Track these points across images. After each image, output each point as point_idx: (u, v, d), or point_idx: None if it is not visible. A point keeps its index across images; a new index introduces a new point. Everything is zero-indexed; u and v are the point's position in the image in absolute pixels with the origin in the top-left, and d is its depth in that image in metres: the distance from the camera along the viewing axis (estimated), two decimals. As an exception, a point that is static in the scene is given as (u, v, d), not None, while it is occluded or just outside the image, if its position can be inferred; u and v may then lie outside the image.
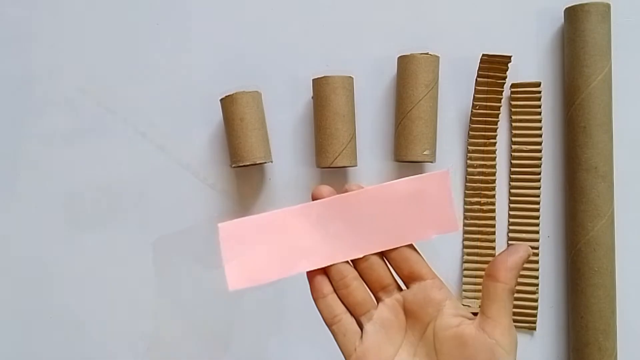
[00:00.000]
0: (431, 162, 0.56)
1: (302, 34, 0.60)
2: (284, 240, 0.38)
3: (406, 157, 0.55)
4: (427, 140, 0.55)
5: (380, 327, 0.38)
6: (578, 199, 0.55)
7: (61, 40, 0.62)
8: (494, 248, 0.58)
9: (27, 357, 0.61)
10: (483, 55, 0.55)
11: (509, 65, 0.55)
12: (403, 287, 0.39)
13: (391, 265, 0.39)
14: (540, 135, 0.58)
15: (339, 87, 0.55)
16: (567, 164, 0.57)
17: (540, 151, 0.58)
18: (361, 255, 0.38)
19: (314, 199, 0.38)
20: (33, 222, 0.62)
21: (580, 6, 0.54)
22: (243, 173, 0.60)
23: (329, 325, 0.38)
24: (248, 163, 0.55)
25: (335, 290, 0.38)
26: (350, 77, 0.56)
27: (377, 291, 0.38)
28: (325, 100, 0.55)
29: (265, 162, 0.57)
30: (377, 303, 0.39)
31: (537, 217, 0.58)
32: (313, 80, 0.56)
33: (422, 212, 0.38)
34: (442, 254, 0.59)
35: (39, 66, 0.62)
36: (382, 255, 0.39)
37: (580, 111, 0.54)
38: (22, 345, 0.62)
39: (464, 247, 0.59)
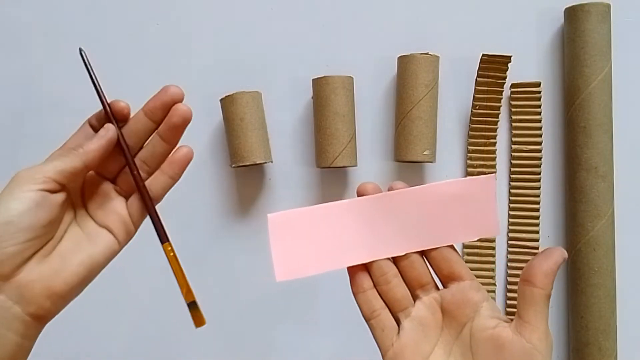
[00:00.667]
0: (431, 162, 0.56)
1: (302, 34, 0.60)
2: (330, 234, 0.38)
3: (406, 157, 0.55)
4: (427, 140, 0.55)
5: (417, 324, 0.38)
6: (578, 199, 0.55)
7: (61, 40, 0.62)
8: (494, 248, 0.58)
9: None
10: (483, 55, 0.55)
11: (509, 65, 0.55)
12: (440, 286, 0.39)
13: (431, 265, 0.39)
14: (540, 135, 0.58)
15: (339, 87, 0.55)
16: (567, 164, 0.57)
17: (540, 151, 0.58)
18: (403, 253, 0.38)
19: (358, 195, 0.38)
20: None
21: (580, 6, 0.54)
22: (243, 173, 0.60)
23: (367, 320, 0.39)
24: (248, 163, 0.55)
25: (375, 286, 0.39)
26: (350, 77, 0.56)
27: (416, 289, 0.39)
28: (325, 101, 0.55)
29: (265, 162, 0.57)
30: (415, 301, 0.39)
31: (537, 217, 0.58)
32: (313, 80, 0.56)
33: (466, 214, 0.38)
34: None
35: (39, 66, 0.62)
36: (422, 254, 0.39)
37: (580, 111, 0.54)
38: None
39: (464, 247, 0.59)
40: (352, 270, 0.39)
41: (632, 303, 0.56)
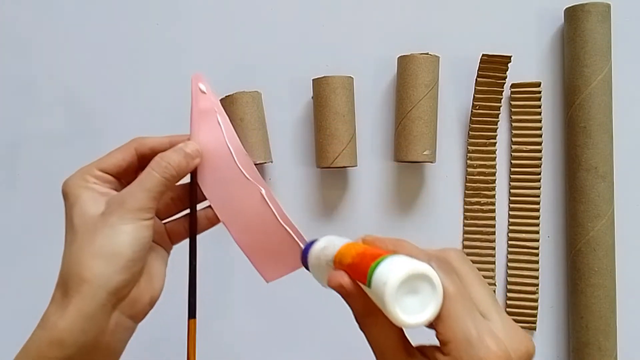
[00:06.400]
0: (431, 162, 0.56)
1: (302, 34, 0.60)
2: None
3: (406, 157, 0.55)
4: (427, 140, 0.55)
5: None
6: (578, 199, 0.55)
7: (61, 40, 0.62)
8: (494, 248, 0.58)
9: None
10: (483, 55, 0.55)
11: (509, 65, 0.55)
12: None
13: None
14: (540, 136, 0.58)
15: (339, 87, 0.55)
16: (567, 164, 0.57)
17: (540, 151, 0.58)
18: None
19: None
20: (33, 222, 0.62)
21: (580, 6, 0.54)
22: (243, 173, 0.60)
23: None
24: (248, 163, 0.55)
25: None
26: (350, 77, 0.56)
27: None
28: (325, 101, 0.55)
29: (265, 162, 0.56)
30: None
31: (537, 217, 0.58)
32: (313, 80, 0.56)
33: None
34: (442, 254, 0.59)
35: (39, 66, 0.62)
36: None
37: (580, 111, 0.54)
38: (22, 345, 0.62)
39: (464, 247, 0.59)
40: None
41: (632, 303, 0.56)
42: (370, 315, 0.29)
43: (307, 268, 0.35)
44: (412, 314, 0.26)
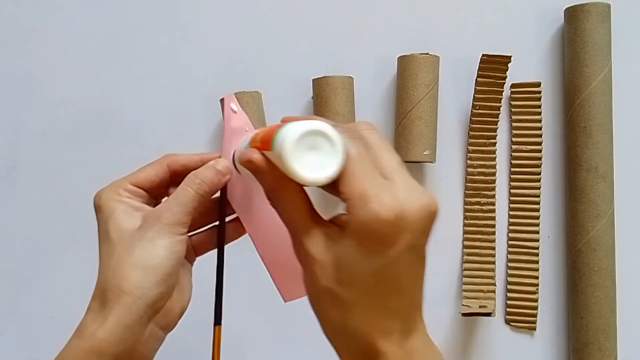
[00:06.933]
0: (431, 162, 0.56)
1: (302, 34, 0.60)
2: None
3: (406, 157, 0.55)
4: (427, 140, 0.55)
5: None
6: (578, 199, 0.55)
7: (61, 40, 0.62)
8: (494, 248, 0.58)
9: (27, 357, 0.61)
10: (483, 55, 0.55)
11: (509, 65, 0.55)
12: None
13: None
14: (540, 136, 0.58)
15: (339, 87, 0.55)
16: (567, 164, 0.57)
17: (540, 151, 0.58)
18: None
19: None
20: (33, 222, 0.62)
21: (580, 6, 0.54)
22: (243, 173, 0.60)
23: None
24: (248, 163, 0.55)
25: None
26: (350, 77, 0.56)
27: None
28: (325, 101, 0.55)
29: (265, 162, 0.56)
30: None
31: (537, 217, 0.58)
32: (313, 80, 0.56)
33: None
34: (442, 254, 0.59)
35: (39, 66, 0.62)
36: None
37: (580, 111, 0.54)
38: (22, 345, 0.62)
39: (464, 247, 0.59)
40: None
41: (632, 303, 0.56)
42: (278, 188, 0.30)
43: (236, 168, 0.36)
44: (313, 171, 0.27)
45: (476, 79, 0.56)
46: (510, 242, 0.58)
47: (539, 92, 0.58)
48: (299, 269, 0.35)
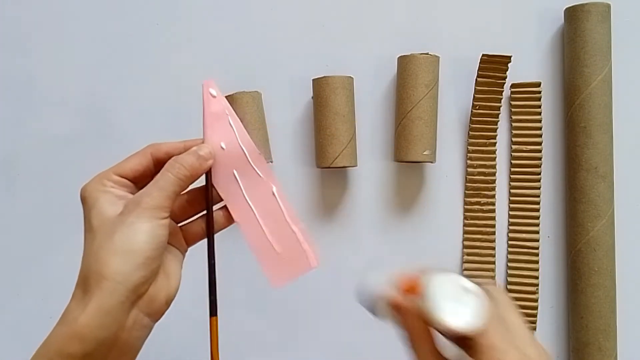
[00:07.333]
0: (431, 162, 0.56)
1: (302, 34, 0.60)
2: None
3: (406, 158, 0.55)
4: (427, 140, 0.55)
5: None
6: (578, 199, 0.55)
7: (61, 40, 0.62)
8: (494, 248, 0.58)
9: (27, 357, 0.61)
10: (483, 55, 0.55)
11: (509, 65, 0.55)
12: None
13: None
14: (540, 136, 0.58)
15: (339, 87, 0.55)
16: (567, 164, 0.57)
17: (540, 151, 0.58)
18: None
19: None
20: (33, 221, 0.62)
21: (580, 6, 0.54)
22: (243, 173, 0.60)
23: None
24: (248, 163, 0.55)
25: None
26: (350, 77, 0.56)
27: None
28: (325, 101, 0.55)
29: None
30: None
31: (537, 217, 0.58)
32: (313, 80, 0.56)
33: None
34: (442, 254, 0.59)
35: (39, 66, 0.62)
36: None
37: (580, 111, 0.54)
38: (22, 345, 0.62)
39: (464, 247, 0.59)
40: None
41: (632, 303, 0.56)
42: (420, 333, 0.32)
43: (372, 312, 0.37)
44: (457, 319, 0.30)
45: (476, 79, 0.56)
46: (510, 242, 0.58)
47: (539, 92, 0.58)
48: (285, 255, 0.35)
